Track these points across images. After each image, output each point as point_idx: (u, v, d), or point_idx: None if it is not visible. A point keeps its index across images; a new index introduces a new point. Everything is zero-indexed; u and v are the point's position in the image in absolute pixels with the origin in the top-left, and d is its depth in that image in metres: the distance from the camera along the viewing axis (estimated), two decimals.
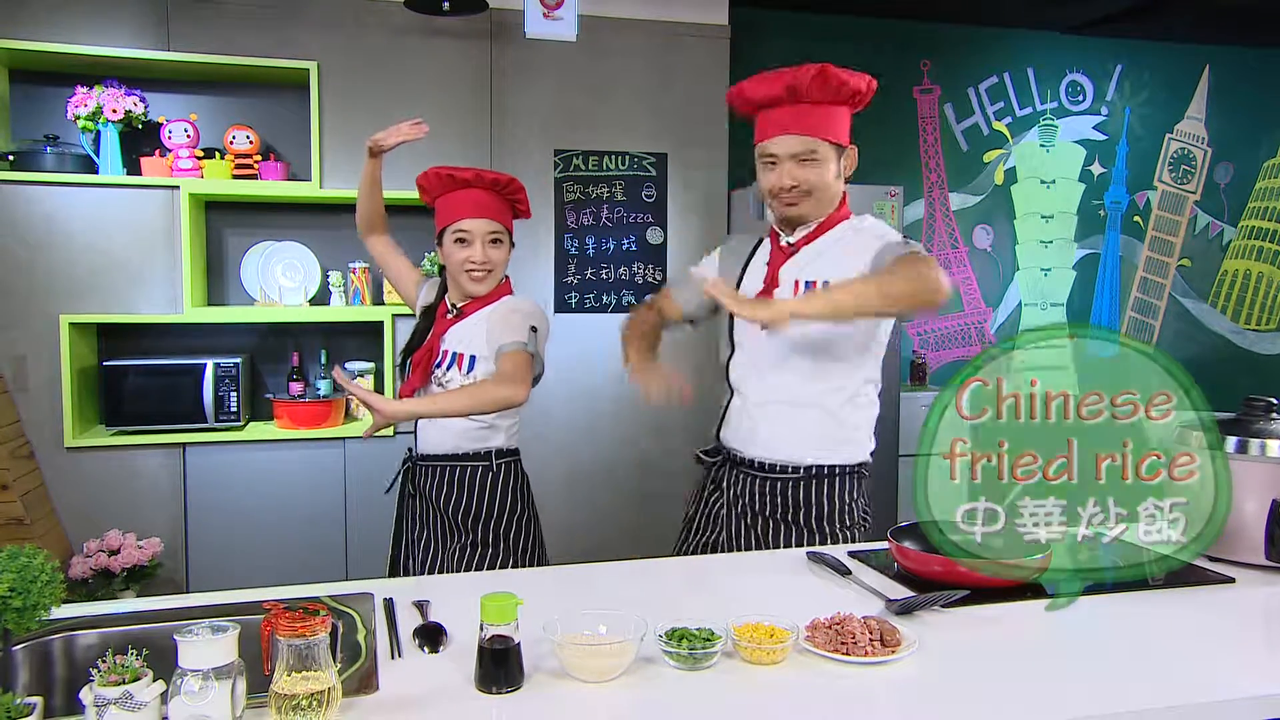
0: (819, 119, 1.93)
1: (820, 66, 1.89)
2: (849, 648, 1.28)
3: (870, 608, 1.48)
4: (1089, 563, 1.87)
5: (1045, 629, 1.47)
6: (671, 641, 1.29)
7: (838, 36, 4.88)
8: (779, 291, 1.97)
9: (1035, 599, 1.57)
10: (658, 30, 3.98)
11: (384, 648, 1.37)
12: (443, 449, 2.20)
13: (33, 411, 3.44)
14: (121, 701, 1.05)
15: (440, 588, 1.65)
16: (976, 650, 1.37)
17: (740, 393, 2.05)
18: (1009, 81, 5.22)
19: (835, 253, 1.97)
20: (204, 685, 1.08)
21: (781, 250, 2.02)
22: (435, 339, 2.22)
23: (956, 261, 5.20)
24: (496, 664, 1.22)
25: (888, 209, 4.03)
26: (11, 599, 1.14)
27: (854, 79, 1.92)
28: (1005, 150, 5.25)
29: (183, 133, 3.56)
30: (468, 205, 2.15)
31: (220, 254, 3.89)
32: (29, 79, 3.62)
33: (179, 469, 3.57)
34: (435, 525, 2.23)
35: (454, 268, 2.18)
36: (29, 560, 1.17)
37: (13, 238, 3.39)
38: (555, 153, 3.93)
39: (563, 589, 1.70)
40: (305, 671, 1.12)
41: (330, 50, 3.65)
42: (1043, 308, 5.36)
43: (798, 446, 1.97)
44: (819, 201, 1.97)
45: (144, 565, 3.41)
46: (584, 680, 1.24)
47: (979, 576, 1.57)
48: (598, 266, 4.01)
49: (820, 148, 1.94)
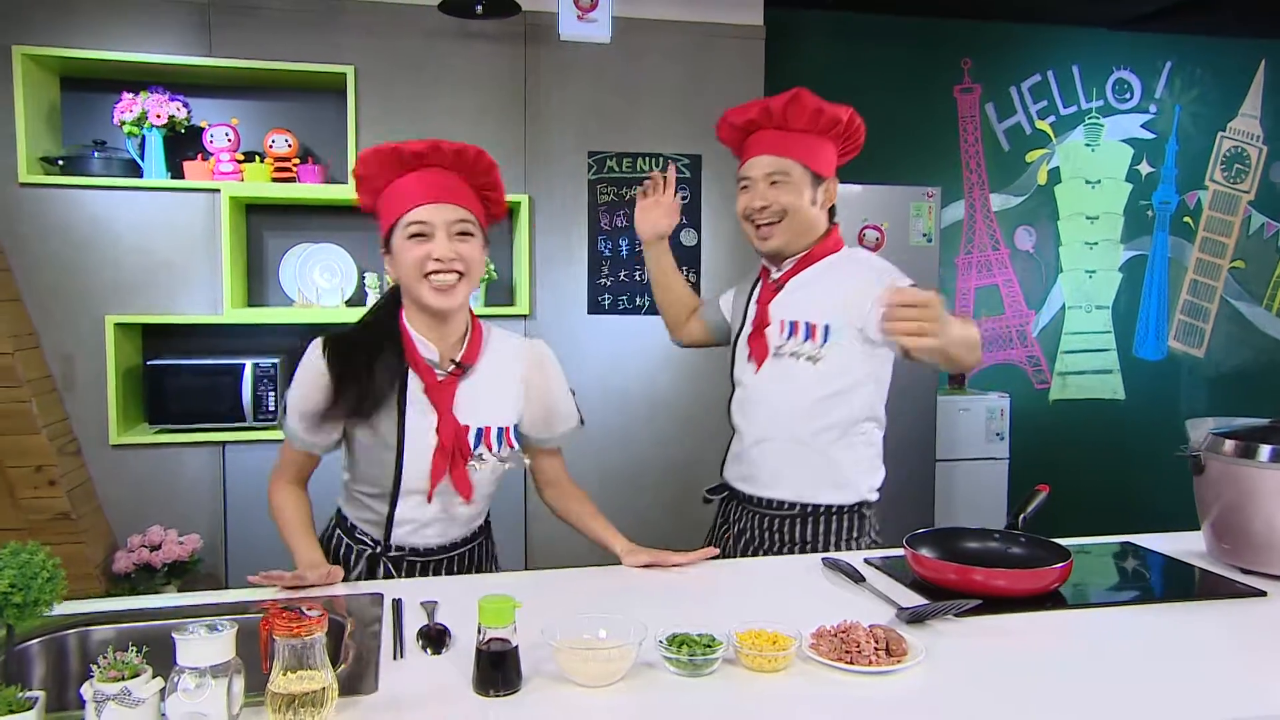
0: (794, 143, 1.94)
1: (795, 91, 1.90)
2: (853, 656, 1.26)
3: (881, 615, 1.46)
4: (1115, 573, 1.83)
5: (1063, 641, 1.43)
6: (672, 647, 1.28)
7: (875, 36, 4.83)
8: (770, 330, 1.98)
9: (1056, 609, 1.54)
10: (692, 31, 3.97)
11: (388, 648, 1.37)
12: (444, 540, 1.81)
13: (80, 409, 3.54)
14: (120, 697, 1.07)
15: (451, 588, 1.65)
16: (988, 662, 1.34)
17: (740, 431, 2.06)
18: (1053, 79, 5.12)
19: (824, 284, 1.96)
20: (200, 683, 1.09)
21: (769, 287, 2.03)
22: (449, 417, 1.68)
23: (998, 263, 5.11)
24: (494, 667, 1.22)
25: (925, 210, 3.98)
26: (12, 594, 1.17)
27: (831, 107, 1.92)
28: (1048, 150, 5.15)
29: (224, 137, 3.63)
30: (423, 188, 1.63)
31: (260, 256, 3.96)
32: (79, 86, 3.72)
33: (219, 467, 3.65)
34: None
35: (410, 274, 1.63)
36: (30, 557, 1.20)
37: (62, 240, 3.49)
38: (589, 154, 3.94)
39: (572, 592, 1.70)
40: (301, 671, 1.13)
41: (367, 54, 3.69)
42: (1087, 310, 5.25)
43: (795, 485, 1.97)
44: (793, 230, 1.95)
45: (184, 561, 3.49)
46: (582, 685, 1.24)
47: (995, 585, 1.53)
48: (631, 268, 4.01)
49: (793, 170, 1.93)
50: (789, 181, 1.93)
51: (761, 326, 2.00)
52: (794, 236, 1.96)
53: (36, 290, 3.47)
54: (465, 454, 1.70)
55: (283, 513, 1.76)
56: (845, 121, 1.95)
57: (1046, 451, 5.10)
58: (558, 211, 3.93)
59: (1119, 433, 5.28)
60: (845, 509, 1.98)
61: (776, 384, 1.97)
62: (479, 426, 1.72)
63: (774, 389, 1.98)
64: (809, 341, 1.93)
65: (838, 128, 1.95)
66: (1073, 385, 5.26)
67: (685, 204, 4.04)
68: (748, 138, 2.02)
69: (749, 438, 2.03)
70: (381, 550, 1.77)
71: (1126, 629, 1.48)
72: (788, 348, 1.95)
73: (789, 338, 1.95)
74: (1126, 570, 1.86)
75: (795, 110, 1.92)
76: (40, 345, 3.48)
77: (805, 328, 1.94)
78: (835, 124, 1.94)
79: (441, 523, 1.77)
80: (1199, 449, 1.75)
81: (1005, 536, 1.75)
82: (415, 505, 1.73)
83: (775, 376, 1.97)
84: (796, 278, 1.99)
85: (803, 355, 1.93)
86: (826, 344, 1.92)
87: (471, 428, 1.71)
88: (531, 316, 3.90)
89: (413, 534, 1.76)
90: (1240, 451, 1.70)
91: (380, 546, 1.77)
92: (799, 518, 1.97)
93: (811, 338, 1.93)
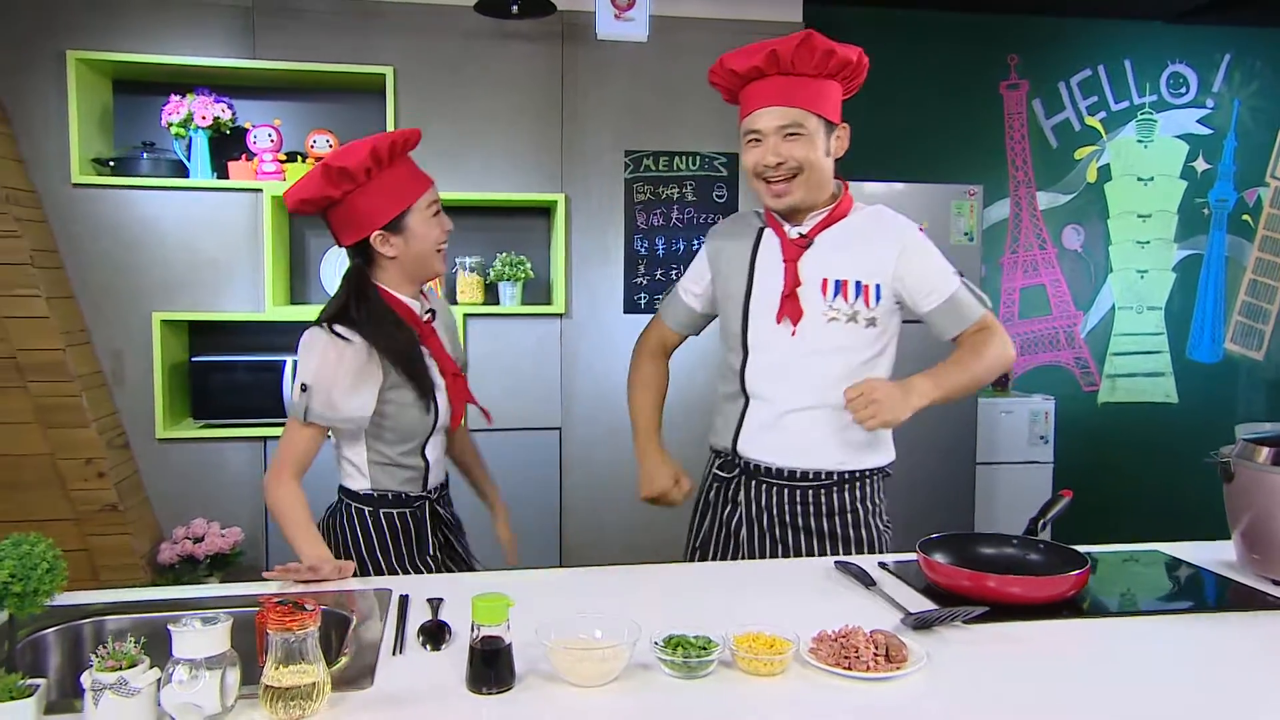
0: (806, 90, 1.79)
1: (805, 32, 1.76)
2: (851, 662, 1.24)
3: (888, 621, 1.44)
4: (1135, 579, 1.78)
5: (1074, 650, 1.39)
6: (667, 648, 1.27)
7: (918, 32, 4.76)
8: (804, 290, 1.87)
9: (1071, 618, 1.50)
10: (730, 29, 3.95)
11: (389, 644, 1.38)
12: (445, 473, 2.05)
13: (128, 404, 3.64)
14: (117, 687, 1.09)
15: (458, 586, 1.66)
16: (992, 670, 1.31)
17: (763, 399, 1.94)
18: (1104, 74, 5.00)
19: (858, 246, 1.88)
20: (194, 674, 1.11)
21: (795, 243, 1.90)
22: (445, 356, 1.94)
23: (1044, 263, 5.01)
24: (486, 664, 1.22)
25: (966, 209, 3.91)
26: (12, 584, 1.21)
27: (842, 48, 1.79)
28: (1099, 146, 5.02)
29: (267, 138, 3.70)
30: (419, 171, 1.87)
31: (302, 254, 4.03)
32: (130, 89, 3.82)
33: (260, 461, 3.72)
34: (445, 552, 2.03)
35: (427, 247, 1.85)
36: (31, 548, 1.24)
37: (112, 239, 3.59)
38: (626, 154, 3.94)
39: (579, 591, 1.70)
40: (294, 665, 1.14)
41: (405, 55, 3.74)
42: (1138, 311, 5.12)
43: (830, 452, 1.90)
44: (809, 185, 1.84)
45: (226, 553, 3.57)
46: (575, 685, 1.23)
47: (1008, 592, 1.50)
48: (668, 267, 4.01)
49: (809, 121, 1.80)
50: (804, 134, 1.80)
51: (794, 288, 1.87)
52: (810, 191, 1.85)
53: (88, 288, 3.58)
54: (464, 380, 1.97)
55: (288, 511, 1.81)
56: (855, 62, 1.82)
57: (1093, 456, 4.98)
58: (594, 211, 3.94)
59: (1171, 437, 5.13)
60: (875, 473, 1.96)
61: (818, 348, 1.86)
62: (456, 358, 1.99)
63: (813, 353, 1.86)
64: (860, 301, 1.85)
65: (847, 69, 1.82)
66: (1122, 388, 5.13)
67: (722, 204, 4.02)
68: (748, 84, 1.86)
69: (781, 405, 1.90)
70: (425, 498, 1.93)
71: (1144, 639, 1.44)
72: (838, 309, 1.85)
73: (835, 298, 1.85)
74: (1150, 579, 1.81)
75: (805, 54, 1.77)
76: (91, 341, 3.59)
77: (856, 288, 1.84)
78: (845, 66, 1.81)
79: (444, 458, 2.01)
80: (1229, 456, 1.70)
81: (1023, 543, 1.71)
82: (435, 444, 1.94)
83: (815, 340, 1.86)
84: (827, 235, 1.88)
85: (860, 316, 1.85)
86: (879, 304, 1.86)
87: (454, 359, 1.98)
88: (568, 316, 3.92)
89: (438, 473, 1.97)
90: (1273, 459, 1.63)
91: (423, 498, 1.93)
92: (835, 486, 1.91)
93: (864, 298, 1.85)
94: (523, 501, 2.45)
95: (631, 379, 2.23)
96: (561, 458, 3.95)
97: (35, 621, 1.46)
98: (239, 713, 1.16)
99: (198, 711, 1.12)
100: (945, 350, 1.90)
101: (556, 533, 3.97)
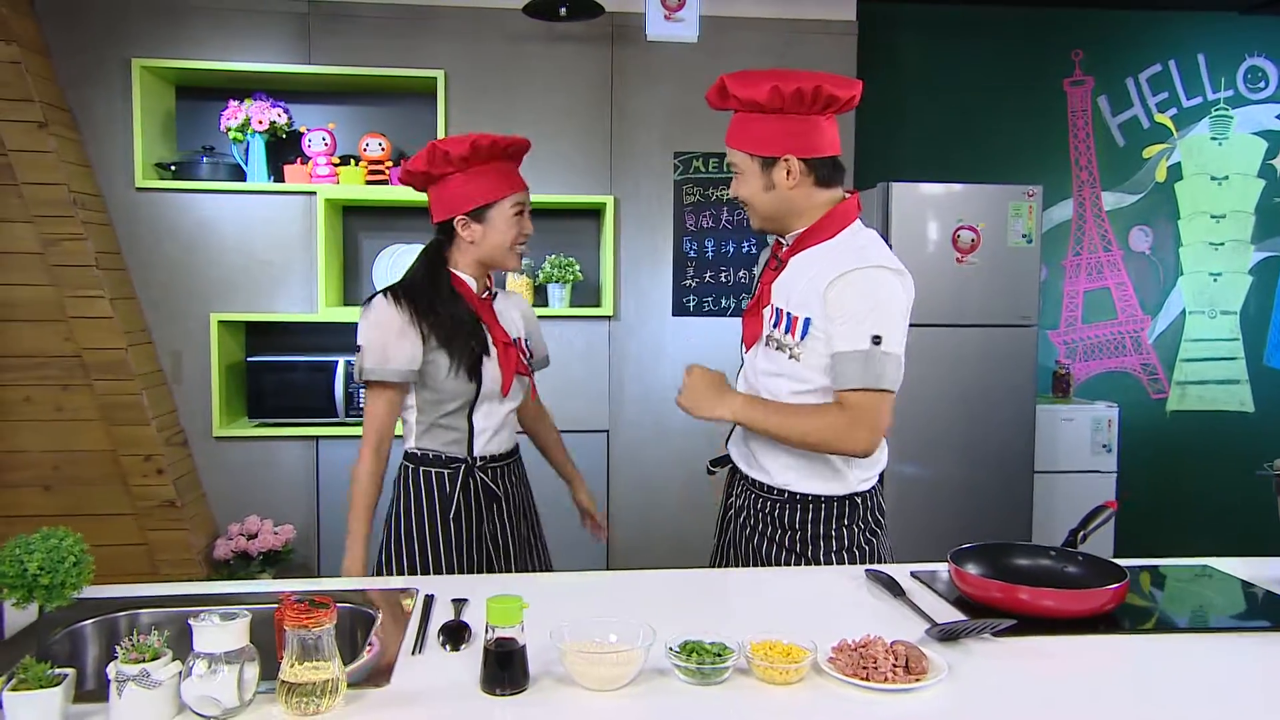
0: (734, 129, 1.82)
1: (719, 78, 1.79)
2: (869, 673, 1.20)
3: (914, 631, 1.39)
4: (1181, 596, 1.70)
5: (1106, 667, 1.33)
6: (682, 654, 1.25)
7: (976, 29, 4.64)
8: (765, 311, 1.86)
9: (1107, 634, 1.43)
10: (781, 28, 3.91)
11: (410, 642, 1.39)
12: (506, 446, 2.16)
13: (186, 402, 3.73)
14: (139, 679, 1.12)
15: (484, 586, 1.65)
16: (1016, 685, 1.26)
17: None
18: (1175, 69, 4.81)
19: (809, 275, 1.78)
20: (212, 669, 1.13)
21: (769, 264, 1.91)
22: (499, 329, 2.09)
23: (1109, 265, 4.84)
24: (501, 666, 1.22)
25: (1024, 210, 3.79)
26: (41, 576, 1.24)
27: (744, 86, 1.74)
28: (1169, 144, 4.84)
29: (321, 141, 3.76)
30: (515, 175, 2.07)
31: (355, 256, 4.09)
32: (192, 94, 3.92)
33: (313, 461, 3.79)
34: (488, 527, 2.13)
35: (503, 242, 2.05)
36: (59, 542, 1.28)
37: (172, 242, 3.69)
38: (675, 155, 3.92)
39: (605, 595, 1.70)
40: (311, 662, 1.16)
41: (456, 58, 3.77)
42: (1211, 315, 4.91)
43: (783, 474, 1.86)
44: (761, 215, 1.84)
45: (278, 550, 3.63)
46: (588, 689, 1.22)
47: (1041, 605, 1.44)
48: (716, 269, 3.98)
49: (737, 159, 1.83)
50: (739, 172, 1.83)
51: (760, 305, 1.88)
52: (767, 220, 1.85)
53: (149, 289, 3.68)
54: (521, 351, 2.12)
55: (354, 500, 2.00)
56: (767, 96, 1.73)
57: (1161, 466, 4.79)
58: (643, 213, 3.92)
59: (1246, 448, 4.89)
60: (833, 499, 1.85)
61: (763, 370, 1.87)
62: (515, 335, 2.13)
63: (761, 375, 1.87)
64: (789, 334, 1.80)
65: (776, 101, 1.73)
66: (1193, 396, 4.93)
67: None
68: None
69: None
70: (470, 464, 2.05)
71: (1181, 657, 1.37)
72: (775, 335, 1.83)
73: (775, 325, 1.83)
74: (1195, 595, 1.72)
75: (714, 97, 1.83)
76: (152, 340, 3.69)
77: (787, 319, 1.79)
78: (751, 103, 1.76)
79: (506, 428, 2.11)
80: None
81: (1061, 554, 1.64)
82: (486, 413, 2.06)
83: (763, 362, 1.87)
84: (797, 259, 1.83)
85: (784, 347, 1.81)
86: (804, 339, 1.77)
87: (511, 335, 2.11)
88: (616, 318, 3.91)
89: (489, 442, 2.07)
90: None
91: (468, 462, 2.06)
92: (788, 504, 1.86)
93: (791, 331, 1.79)
94: (570, 503, 2.47)
95: None
96: (609, 460, 3.94)
97: (76, 613, 1.50)
98: (257, 707, 1.18)
99: (215, 705, 1.14)
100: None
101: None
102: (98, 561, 1.36)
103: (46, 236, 3.41)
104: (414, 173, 2.06)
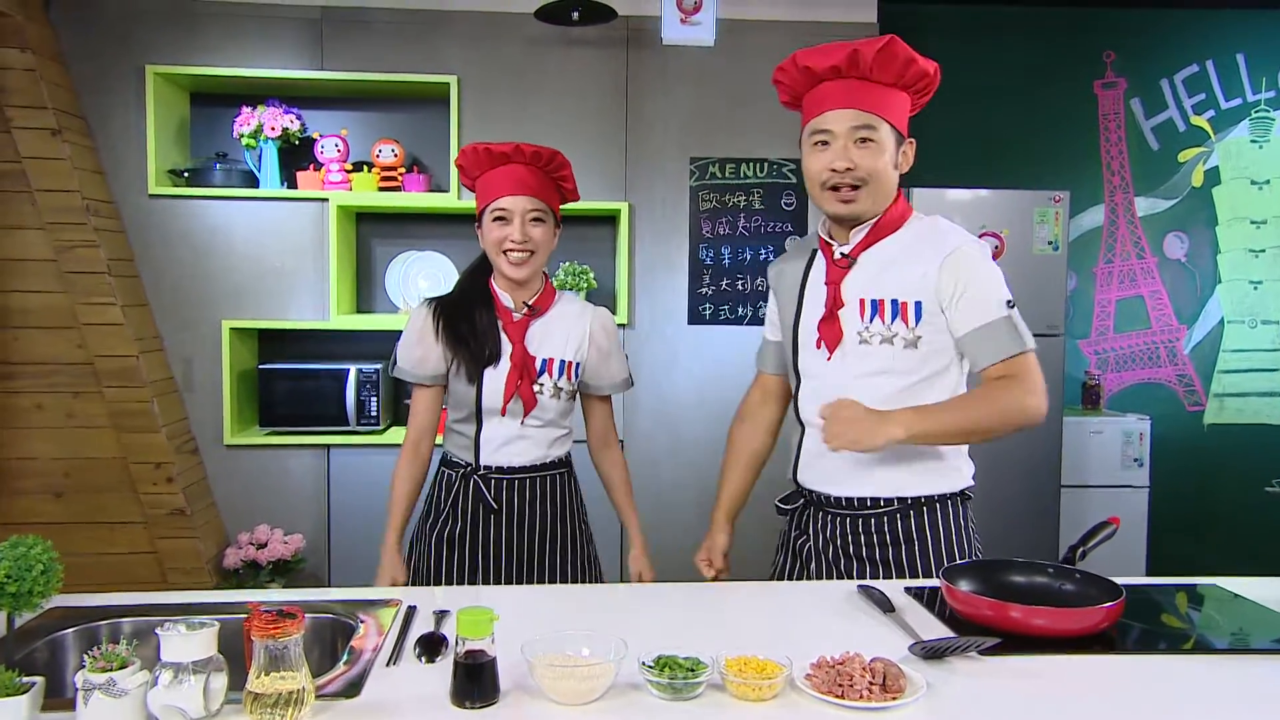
0: (880, 96, 1.72)
1: (889, 37, 1.69)
2: (844, 690, 1.16)
3: (899, 648, 1.33)
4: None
5: (1096, 687, 1.26)
6: (654, 669, 1.22)
7: (1002, 30, 4.52)
8: (845, 312, 1.77)
9: (1101, 653, 1.36)
10: (800, 31, 3.82)
11: (386, 654, 1.38)
12: (523, 461, 2.12)
13: (197, 410, 3.72)
14: (106, 687, 1.12)
15: (466, 599, 1.64)
16: (998, 706, 1.20)
17: (814, 426, 1.81)
18: (1212, 70, 4.66)
19: (902, 262, 1.75)
20: (178, 678, 1.13)
21: (837, 264, 1.81)
22: (520, 346, 2.08)
23: (1143, 273, 4.69)
24: (470, 678, 1.21)
25: (1050, 217, 3.68)
26: (8, 584, 1.26)
27: (922, 60, 1.71)
28: (1206, 148, 4.69)
29: (333, 147, 3.74)
30: (507, 182, 2.04)
31: (368, 263, 4.07)
32: (205, 101, 3.92)
33: (323, 469, 3.76)
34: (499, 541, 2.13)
35: (491, 249, 2.07)
36: (27, 550, 1.31)
37: (185, 248, 3.68)
38: (691, 160, 3.85)
39: (587, 607, 1.67)
40: (278, 672, 1.15)
41: (469, 64, 3.73)
42: (1251, 325, 4.74)
43: (891, 479, 1.77)
44: (874, 196, 1.76)
45: (288, 560, 3.60)
46: (559, 702, 1.20)
47: (1033, 624, 1.38)
48: (733, 277, 3.90)
49: (881, 127, 1.73)
50: (875, 141, 1.72)
51: (834, 311, 1.78)
52: (874, 204, 1.77)
53: (161, 295, 3.68)
54: (531, 376, 2.08)
55: (392, 503, 2.12)
56: (930, 75, 1.76)
57: (1196, 480, 4.63)
58: (659, 219, 3.86)
59: None
60: (949, 497, 1.79)
61: (858, 373, 1.76)
62: (544, 357, 2.10)
63: (855, 378, 1.76)
64: (899, 322, 1.74)
65: (922, 82, 1.75)
66: (1232, 408, 4.76)
67: (790, 211, 3.89)
68: (816, 85, 1.78)
69: None
70: (473, 470, 2.11)
71: (1177, 678, 1.30)
72: (874, 331, 1.75)
73: (873, 319, 1.75)
74: (1198, 614, 1.65)
75: (886, 59, 1.69)
76: (163, 348, 3.68)
77: (892, 307, 1.74)
78: (921, 78, 1.74)
79: (523, 441, 2.10)
80: None
81: (1059, 572, 1.57)
82: (495, 425, 2.09)
83: (855, 364, 1.77)
84: (871, 252, 1.78)
85: (897, 338, 1.74)
86: (920, 323, 1.73)
87: (538, 357, 2.09)
88: (630, 326, 3.84)
89: (497, 452, 2.10)
90: None
91: (472, 467, 2.12)
92: (899, 513, 1.78)
93: (902, 318, 1.73)
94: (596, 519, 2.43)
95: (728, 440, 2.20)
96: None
97: (59, 622, 1.52)
98: (224, 717, 1.18)
99: (181, 714, 1.14)
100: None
101: (617, 548, 3.89)
102: (107, 569, 1.38)
103: (59, 243, 3.41)
104: (462, 170, 2.15)
